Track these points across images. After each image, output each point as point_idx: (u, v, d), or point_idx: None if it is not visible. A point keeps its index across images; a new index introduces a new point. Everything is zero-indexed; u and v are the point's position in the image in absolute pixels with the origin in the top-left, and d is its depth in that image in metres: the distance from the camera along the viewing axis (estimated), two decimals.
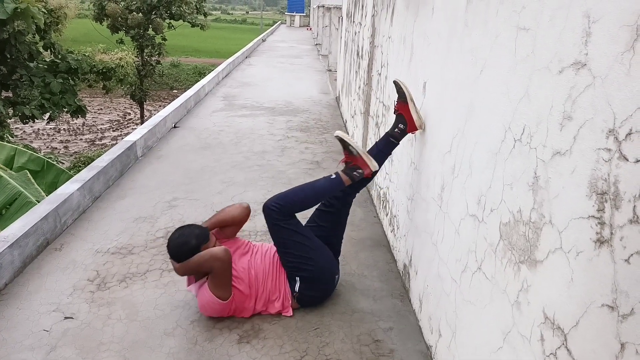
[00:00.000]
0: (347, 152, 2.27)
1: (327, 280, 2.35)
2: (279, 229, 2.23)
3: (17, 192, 4.18)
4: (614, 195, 0.91)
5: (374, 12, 3.90)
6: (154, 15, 17.84)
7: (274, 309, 2.27)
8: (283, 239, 2.25)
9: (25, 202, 4.12)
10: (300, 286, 2.27)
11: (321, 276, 2.31)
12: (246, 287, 2.22)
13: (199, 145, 5.05)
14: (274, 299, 2.27)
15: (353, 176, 2.25)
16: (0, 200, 4.10)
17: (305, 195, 2.27)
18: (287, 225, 2.23)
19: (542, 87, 1.19)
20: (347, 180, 2.25)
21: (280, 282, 2.28)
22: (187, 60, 33.16)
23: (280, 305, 2.28)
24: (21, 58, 9.70)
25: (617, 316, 0.90)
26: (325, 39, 14.24)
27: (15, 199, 4.15)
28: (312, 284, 2.29)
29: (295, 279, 2.27)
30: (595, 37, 0.98)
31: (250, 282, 2.23)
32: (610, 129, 0.93)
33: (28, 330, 2.13)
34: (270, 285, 2.27)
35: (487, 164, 1.52)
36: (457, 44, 1.84)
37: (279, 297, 2.28)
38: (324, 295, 2.38)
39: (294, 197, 2.25)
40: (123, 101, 23.37)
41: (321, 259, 2.30)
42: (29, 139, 17.18)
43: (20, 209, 4.06)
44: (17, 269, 2.55)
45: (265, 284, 2.26)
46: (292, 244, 2.24)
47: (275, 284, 2.28)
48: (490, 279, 1.47)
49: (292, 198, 2.24)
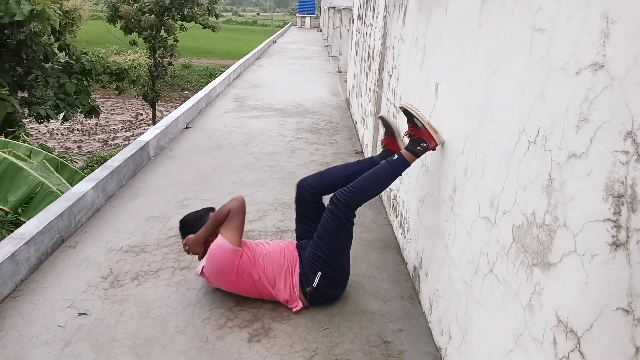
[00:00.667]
0: (412, 125, 2.14)
1: (344, 282, 2.40)
2: (337, 220, 2.20)
3: (39, 182, 4.23)
4: (631, 198, 0.91)
5: (386, 13, 3.90)
6: (167, 17, 18.00)
7: (280, 295, 2.29)
8: (332, 231, 2.23)
9: (48, 192, 4.16)
10: (320, 281, 2.26)
11: (342, 279, 2.37)
12: (253, 255, 2.28)
13: (210, 146, 5.08)
14: (280, 285, 2.28)
15: (417, 151, 2.13)
16: (23, 191, 4.15)
17: (373, 185, 2.22)
18: (348, 218, 2.22)
19: (558, 89, 1.18)
20: (411, 157, 2.15)
21: (289, 272, 2.30)
22: (198, 62, 33.38)
23: (287, 293, 2.28)
24: (37, 59, 9.85)
25: (632, 320, 0.89)
26: (335, 40, 14.24)
27: (37, 190, 4.20)
28: (333, 280, 2.31)
29: (316, 273, 2.26)
30: (614, 38, 0.98)
31: (263, 260, 2.28)
32: (628, 131, 0.92)
33: (43, 325, 2.17)
34: (280, 264, 2.30)
35: (500, 166, 1.52)
36: (471, 45, 1.84)
37: (285, 284, 2.28)
38: (336, 297, 2.40)
39: (363, 191, 2.20)
40: (135, 102, 23.60)
41: (347, 263, 2.37)
42: (43, 138, 17.42)
43: (43, 199, 4.11)
44: (33, 266, 2.59)
45: (275, 264, 2.29)
46: (337, 239, 2.24)
47: (284, 272, 2.30)
48: (502, 282, 1.46)
49: (362, 191, 2.19)
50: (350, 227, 2.29)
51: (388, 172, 2.22)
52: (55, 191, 4.13)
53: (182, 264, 2.72)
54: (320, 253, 2.26)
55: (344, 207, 2.21)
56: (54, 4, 9.11)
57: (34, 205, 4.09)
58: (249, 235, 3.00)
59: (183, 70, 29.95)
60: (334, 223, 2.23)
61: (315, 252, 2.27)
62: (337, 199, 2.21)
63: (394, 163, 2.20)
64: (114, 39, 20.11)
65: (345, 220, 2.24)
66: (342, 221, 2.23)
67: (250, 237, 2.75)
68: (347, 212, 2.22)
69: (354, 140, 5.52)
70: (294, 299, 2.30)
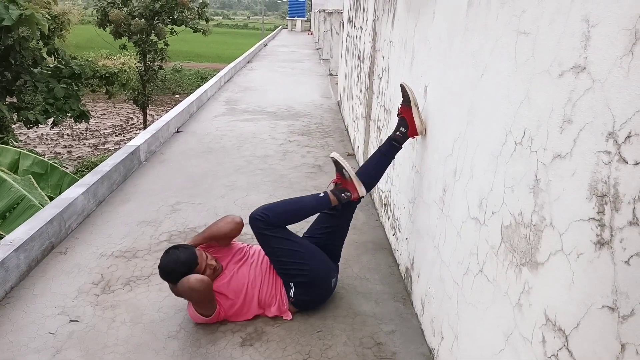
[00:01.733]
0: (340, 175, 2.34)
1: (322, 284, 2.33)
2: (265, 237, 2.23)
3: (21, 195, 4.20)
4: (614, 198, 0.93)
5: (375, 17, 3.92)
6: (157, 21, 17.93)
7: (270, 313, 2.28)
8: (271, 247, 2.25)
9: (29, 205, 4.13)
10: (295, 291, 2.27)
11: (316, 281, 2.29)
12: (239, 297, 2.23)
13: (202, 150, 5.07)
14: (270, 304, 2.28)
15: (341, 197, 2.30)
16: (4, 203, 4.12)
17: (292, 209, 2.30)
18: (273, 234, 2.22)
19: (543, 91, 1.20)
20: (335, 200, 2.30)
21: (276, 287, 2.29)
22: (189, 65, 33.26)
23: (277, 309, 2.28)
24: (25, 64, 9.76)
25: (618, 317, 0.90)
26: (326, 43, 14.28)
27: (19, 202, 4.17)
28: (307, 289, 2.29)
29: (290, 285, 2.28)
30: (595, 41, 1.00)
31: (245, 292, 2.24)
32: (610, 131, 0.94)
33: (34, 333, 2.15)
34: (266, 291, 2.28)
35: (488, 166, 1.53)
36: (458, 48, 1.86)
37: (275, 302, 2.28)
38: (320, 299, 2.37)
39: (279, 210, 2.26)
40: (126, 106, 23.46)
41: (314, 263, 2.28)
42: (32, 143, 17.25)
43: (23, 212, 4.07)
44: (23, 273, 2.57)
45: (260, 290, 2.27)
46: (281, 251, 2.24)
47: (271, 289, 2.28)
48: (492, 282, 1.48)
49: (277, 211, 2.25)
50: (285, 234, 2.26)
51: (311, 204, 2.33)
52: (37, 205, 4.08)
53: None
54: (281, 269, 2.27)
55: (260, 222, 2.20)
56: (43, 8, 9.05)
57: (13, 219, 4.04)
58: (241, 239, 2.99)
59: (174, 74, 29.82)
60: (263, 240, 2.24)
61: (278, 270, 2.29)
62: (252, 217, 2.22)
63: (318, 199, 2.31)
64: (103, 44, 20.00)
65: (273, 233, 2.22)
66: (265, 236, 2.22)
67: (242, 242, 2.74)
68: (267, 227, 2.21)
69: (346, 143, 5.54)
70: (284, 311, 2.30)
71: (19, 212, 4.10)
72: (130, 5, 17.43)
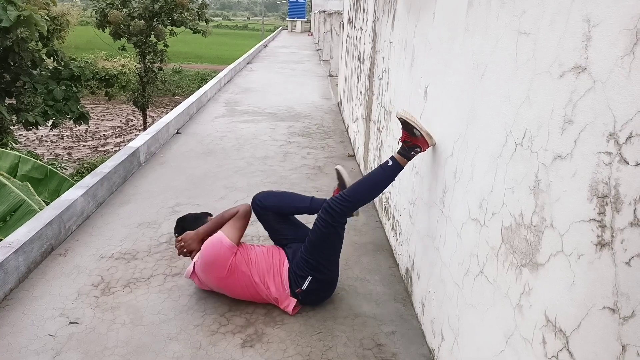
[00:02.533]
0: (408, 133, 2.17)
1: (333, 285, 2.42)
2: (331, 228, 2.23)
3: (21, 199, 4.21)
4: (615, 199, 0.92)
5: (375, 17, 3.92)
6: (156, 22, 17.93)
7: (271, 294, 2.29)
8: (327, 238, 2.26)
9: (29, 210, 4.14)
10: (309, 285, 2.27)
11: (332, 281, 2.40)
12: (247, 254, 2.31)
13: (202, 151, 5.07)
14: (271, 284, 2.29)
15: (410, 155, 2.19)
16: (4, 207, 4.12)
17: (366, 192, 2.27)
18: (339, 227, 2.25)
19: (543, 91, 1.20)
20: (404, 161, 2.20)
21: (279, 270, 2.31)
22: (189, 67, 33.29)
23: (277, 292, 2.29)
24: (24, 65, 9.76)
25: (618, 318, 0.90)
26: (326, 44, 14.29)
27: (19, 206, 4.17)
28: (322, 284, 2.33)
29: (306, 278, 2.27)
30: (596, 41, 0.99)
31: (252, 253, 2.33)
32: (611, 132, 0.94)
33: (33, 335, 2.14)
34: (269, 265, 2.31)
35: (488, 167, 1.53)
36: (459, 49, 1.86)
37: (275, 283, 2.29)
38: (325, 296, 2.43)
39: (357, 196, 2.23)
40: (126, 107, 23.47)
41: (337, 267, 2.40)
42: (32, 145, 17.26)
43: (23, 216, 4.08)
44: (22, 275, 2.56)
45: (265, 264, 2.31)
46: (330, 246, 2.28)
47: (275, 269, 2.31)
48: (492, 283, 1.47)
49: (355, 197, 2.23)
50: (342, 233, 2.31)
51: (382, 177, 2.27)
52: (37, 209, 4.08)
53: (174, 270, 2.70)
54: (312, 260, 2.27)
55: (338, 215, 2.22)
56: (42, 9, 9.04)
57: (12, 223, 4.05)
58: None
59: (174, 76, 29.85)
60: (328, 231, 2.24)
61: (306, 259, 2.28)
62: (331, 208, 2.22)
63: (388, 168, 2.23)
64: (103, 45, 20.01)
65: (339, 227, 2.27)
66: (335, 229, 2.25)
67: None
68: (341, 219, 2.25)
69: (346, 144, 5.53)
70: (284, 298, 2.30)
71: (19, 216, 4.10)
72: (130, 6, 17.44)
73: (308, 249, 2.28)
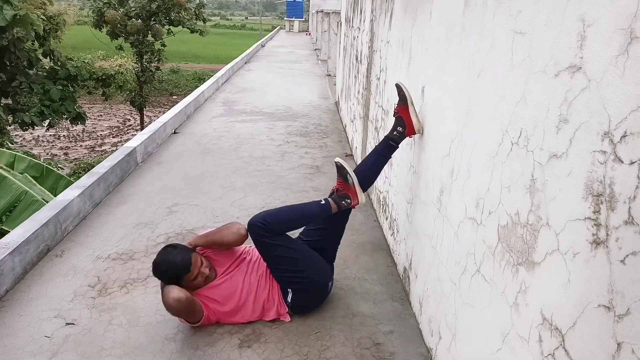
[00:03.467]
0: (342, 180, 2.30)
1: (319, 289, 2.34)
2: (264, 245, 2.19)
3: (23, 191, 4.19)
4: (610, 197, 0.93)
5: (372, 17, 3.93)
6: (153, 21, 17.88)
7: (268, 317, 2.28)
8: (270, 255, 2.22)
9: (32, 200, 4.12)
10: (292, 297, 2.26)
11: (313, 286, 2.30)
12: (229, 302, 2.21)
13: (199, 151, 5.06)
14: (268, 308, 2.27)
15: (341, 205, 2.27)
16: (7, 200, 4.10)
17: (293, 217, 2.27)
18: (273, 241, 2.19)
19: (539, 91, 1.20)
20: (335, 207, 2.27)
21: (273, 292, 2.28)
22: (186, 66, 33.23)
23: (275, 313, 2.28)
24: (20, 65, 9.73)
25: (614, 316, 0.90)
26: (324, 43, 14.29)
27: (21, 198, 4.15)
28: (305, 294, 2.29)
29: (287, 291, 2.27)
30: (590, 40, 1.00)
31: (238, 298, 2.23)
32: (606, 131, 0.94)
33: (29, 336, 2.14)
34: (262, 296, 2.26)
35: (485, 167, 1.53)
36: (455, 48, 1.86)
37: (274, 306, 2.27)
38: (316, 303, 2.37)
39: (280, 217, 2.23)
40: (123, 107, 23.41)
41: (313, 269, 2.28)
42: (28, 145, 17.20)
43: (26, 207, 4.06)
44: (18, 276, 2.55)
45: (256, 296, 2.25)
46: (281, 259, 2.21)
47: (267, 294, 2.27)
48: (489, 281, 1.48)
49: (278, 218, 2.21)
50: (285, 242, 2.23)
51: (312, 211, 2.31)
52: (40, 200, 4.08)
53: None
54: (278, 276, 2.26)
55: (262, 230, 2.15)
56: (38, 9, 9.00)
57: (17, 214, 4.04)
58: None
59: (171, 75, 29.79)
60: (267, 248, 2.20)
61: (276, 277, 2.27)
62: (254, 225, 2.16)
63: (319, 206, 2.28)
64: (100, 44, 19.95)
65: (273, 240, 2.18)
66: (270, 243, 2.18)
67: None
68: (267, 235, 2.16)
69: (344, 143, 5.54)
70: (282, 315, 2.29)
71: (22, 208, 4.09)
72: (127, 5, 17.39)
73: (270, 267, 2.27)
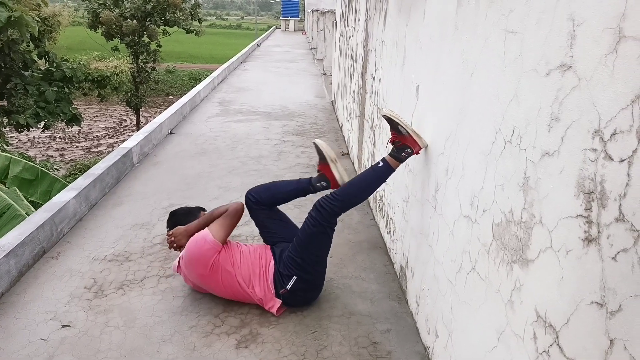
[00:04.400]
0: (395, 132, 2.16)
1: (319, 287, 2.41)
2: (320, 227, 2.21)
3: (7, 204, 4.18)
4: (601, 195, 0.93)
5: (367, 16, 3.93)
6: (149, 22, 17.84)
7: (255, 294, 2.28)
8: (315, 238, 2.24)
9: (15, 214, 4.11)
10: (294, 285, 2.25)
11: (318, 282, 2.37)
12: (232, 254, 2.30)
13: (195, 151, 5.05)
14: (256, 285, 2.28)
15: (401, 157, 2.17)
16: None
17: (357, 192, 2.25)
18: (330, 228, 2.24)
19: (530, 89, 1.21)
20: (396, 163, 2.18)
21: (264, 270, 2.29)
22: (182, 67, 33.14)
23: (262, 293, 2.28)
24: (15, 67, 9.70)
25: (606, 313, 0.91)
26: (319, 43, 14.28)
27: (5, 211, 4.14)
28: (308, 287, 2.31)
29: (291, 277, 2.25)
30: (580, 39, 1.00)
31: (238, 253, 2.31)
32: (596, 129, 0.95)
33: (25, 339, 2.13)
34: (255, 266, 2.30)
35: (479, 165, 1.54)
36: (449, 47, 1.86)
37: (260, 284, 2.28)
38: (311, 300, 2.40)
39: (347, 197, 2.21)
40: (119, 108, 23.35)
41: (324, 269, 2.37)
42: (24, 147, 17.13)
43: (9, 221, 4.04)
44: (14, 278, 2.55)
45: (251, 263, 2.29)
46: (318, 245, 2.26)
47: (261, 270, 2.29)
48: (484, 279, 1.48)
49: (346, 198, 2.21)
50: (332, 233, 2.29)
51: (373, 178, 2.26)
52: (24, 215, 4.06)
53: (167, 272, 2.70)
54: (298, 259, 2.25)
55: (329, 214, 2.20)
56: (32, 10, 8.98)
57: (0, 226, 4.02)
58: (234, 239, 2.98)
59: (167, 75, 29.71)
60: (317, 230, 2.22)
61: (292, 257, 2.26)
62: (322, 207, 2.20)
63: (378, 170, 2.23)
64: (95, 45, 19.87)
65: (328, 227, 2.24)
66: (324, 229, 2.23)
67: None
68: (331, 219, 2.23)
69: (340, 142, 5.54)
70: (269, 299, 2.29)
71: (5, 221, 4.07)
72: (122, 6, 17.34)
73: (296, 247, 2.26)
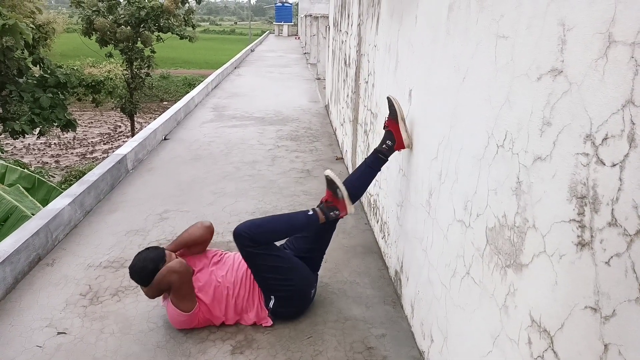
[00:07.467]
0: (332, 193, 2.27)
1: (302, 297, 2.34)
2: (249, 253, 2.18)
3: (13, 206, 4.15)
4: (593, 199, 0.94)
5: (360, 21, 3.94)
6: (143, 28, 17.80)
7: (249, 320, 2.27)
8: (254, 263, 2.21)
9: (21, 216, 4.08)
10: (274, 304, 2.25)
11: (297, 295, 2.31)
12: (211, 300, 2.21)
13: (190, 157, 5.04)
14: (247, 310, 2.26)
15: (329, 216, 2.25)
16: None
17: (279, 227, 2.24)
18: (258, 251, 2.17)
19: (522, 94, 1.22)
20: (323, 218, 2.25)
21: (254, 294, 2.27)
22: (176, 72, 33.09)
23: (255, 316, 2.27)
24: (10, 74, 9.65)
25: (600, 318, 0.91)
26: (313, 47, 14.32)
27: (11, 214, 4.11)
28: (287, 302, 2.28)
29: (270, 297, 2.25)
30: (570, 44, 1.01)
31: (216, 296, 2.22)
32: (588, 134, 0.95)
33: (21, 346, 2.11)
34: (243, 297, 2.25)
35: (472, 169, 1.55)
36: (440, 52, 1.87)
37: (253, 308, 2.26)
38: (299, 311, 2.36)
39: (266, 228, 2.19)
40: (113, 114, 23.26)
41: (297, 278, 2.28)
42: (19, 154, 17.02)
43: (16, 223, 4.02)
44: (9, 285, 2.53)
45: (237, 296, 2.24)
46: (266, 268, 2.20)
47: (248, 295, 2.26)
48: (479, 284, 1.48)
49: (264, 228, 2.19)
50: (270, 250, 2.21)
51: (300, 222, 2.28)
52: (29, 215, 4.04)
53: None
54: (261, 283, 2.25)
55: (249, 241, 2.13)
56: (27, 17, 8.95)
57: (7, 230, 3.99)
58: (230, 247, 2.98)
59: (161, 81, 29.64)
60: (252, 258, 2.19)
61: (260, 284, 2.25)
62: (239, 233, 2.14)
63: (308, 218, 2.25)
64: (89, 52, 19.83)
65: (258, 250, 2.16)
66: (256, 253, 2.16)
67: (233, 249, 2.72)
68: (252, 244, 2.14)
69: (334, 147, 5.54)
70: (263, 317, 2.28)
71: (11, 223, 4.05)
72: (116, 13, 17.31)
73: (254, 274, 2.25)
